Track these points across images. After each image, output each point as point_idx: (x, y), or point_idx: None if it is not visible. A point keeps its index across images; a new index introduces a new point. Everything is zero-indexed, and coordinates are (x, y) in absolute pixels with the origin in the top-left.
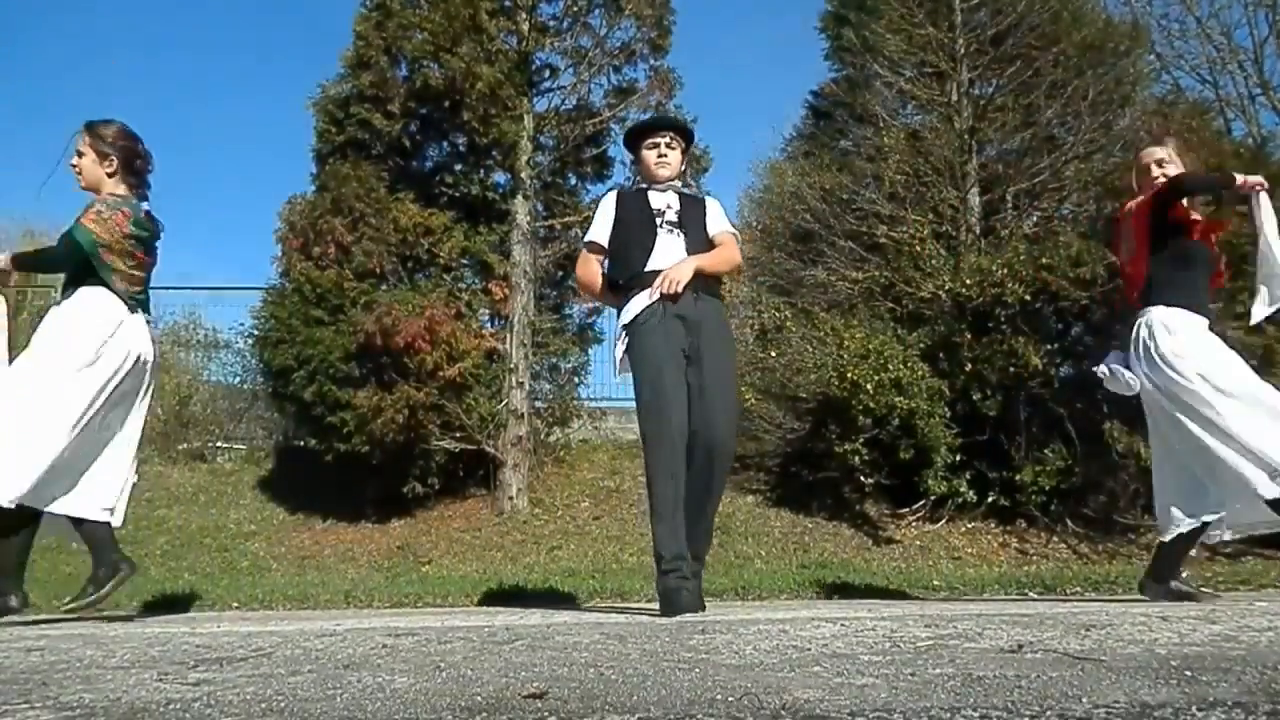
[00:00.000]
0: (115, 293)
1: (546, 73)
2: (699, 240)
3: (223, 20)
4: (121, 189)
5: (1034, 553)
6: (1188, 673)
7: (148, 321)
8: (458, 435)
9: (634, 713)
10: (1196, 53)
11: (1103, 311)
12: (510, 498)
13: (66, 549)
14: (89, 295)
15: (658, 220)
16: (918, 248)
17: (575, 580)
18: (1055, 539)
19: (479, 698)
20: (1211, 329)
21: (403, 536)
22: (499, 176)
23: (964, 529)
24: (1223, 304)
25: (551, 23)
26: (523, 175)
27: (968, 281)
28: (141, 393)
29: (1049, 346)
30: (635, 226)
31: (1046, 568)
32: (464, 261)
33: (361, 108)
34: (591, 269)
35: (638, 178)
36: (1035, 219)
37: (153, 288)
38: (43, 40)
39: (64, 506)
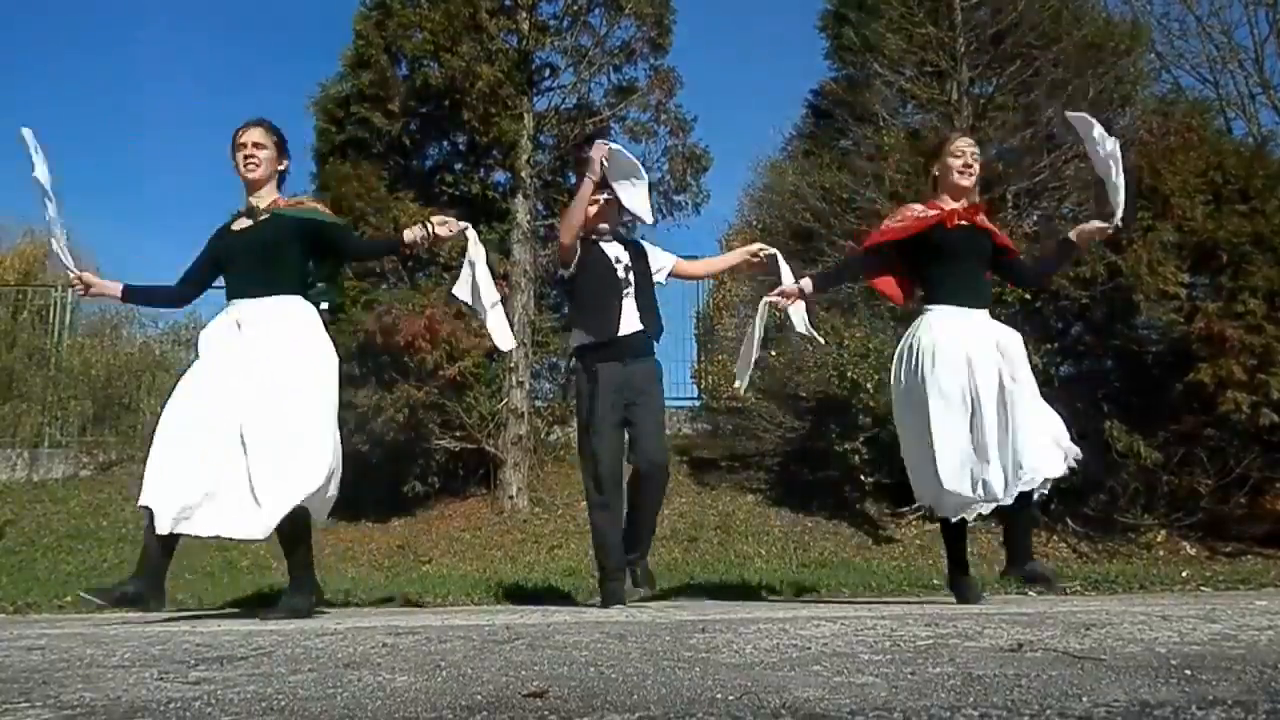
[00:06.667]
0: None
1: (547, 72)
2: (647, 294)
3: (223, 19)
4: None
5: (1034, 552)
6: (1188, 671)
7: None
8: (458, 434)
9: (634, 711)
10: (1197, 52)
11: (1102, 310)
12: (510, 497)
13: (68, 549)
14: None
15: (621, 285)
16: None
17: (576, 579)
18: (1055, 538)
19: (479, 696)
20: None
21: (403, 535)
22: (499, 175)
23: None
24: (1223, 304)
25: (552, 22)
26: (523, 174)
27: None
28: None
29: (1049, 345)
30: (601, 285)
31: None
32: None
33: (362, 107)
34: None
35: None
36: (1035, 218)
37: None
38: (40, 36)
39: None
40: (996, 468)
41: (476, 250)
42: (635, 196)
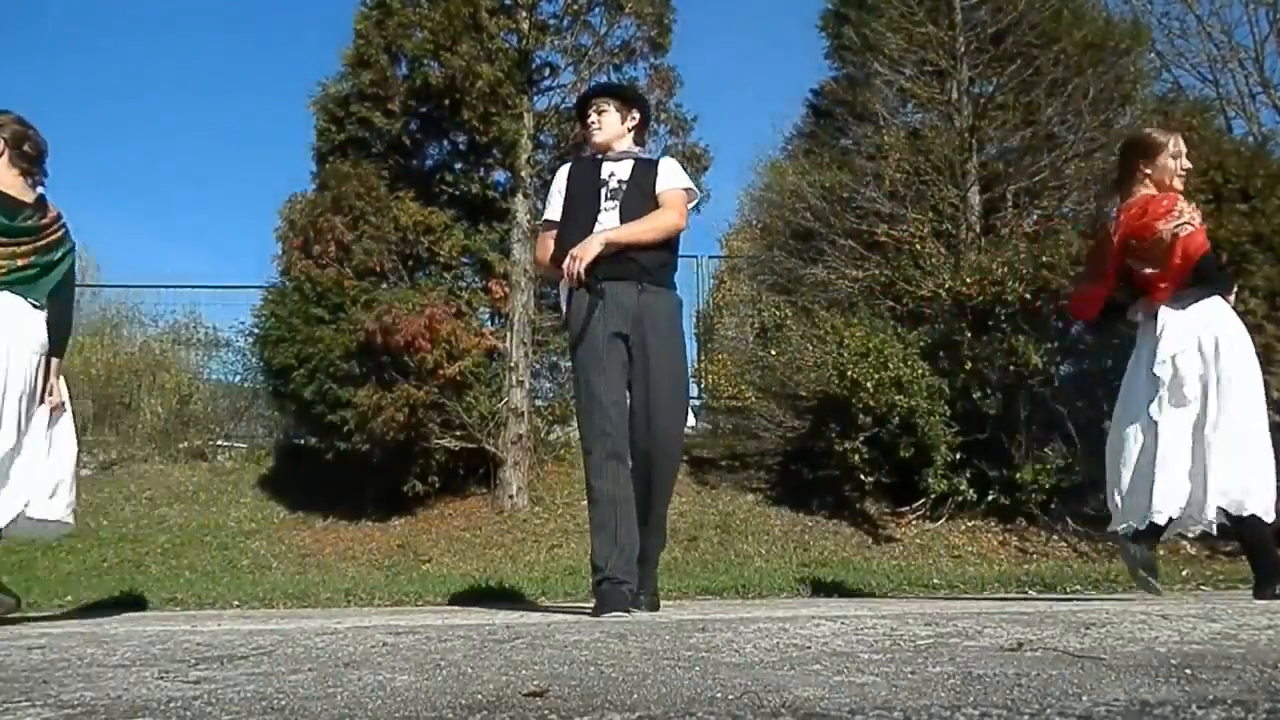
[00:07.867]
0: None
1: (546, 71)
2: (641, 210)
3: (223, 18)
4: (13, 173)
5: (1034, 551)
6: (1188, 671)
7: (35, 305)
8: (458, 434)
9: (634, 711)
10: (1197, 51)
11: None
12: (510, 496)
13: (69, 548)
14: None
15: (602, 193)
16: (918, 246)
17: (575, 579)
18: (1055, 537)
19: (479, 696)
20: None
21: (403, 535)
22: (499, 175)
23: (964, 527)
24: None
25: (552, 21)
26: (523, 174)
27: (968, 280)
28: (27, 382)
29: (1049, 345)
30: (579, 201)
31: (1046, 566)
32: (464, 260)
33: (362, 106)
34: (545, 247)
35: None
36: (1036, 217)
37: (154, 286)
38: (39, 34)
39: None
40: None
41: None
42: None
